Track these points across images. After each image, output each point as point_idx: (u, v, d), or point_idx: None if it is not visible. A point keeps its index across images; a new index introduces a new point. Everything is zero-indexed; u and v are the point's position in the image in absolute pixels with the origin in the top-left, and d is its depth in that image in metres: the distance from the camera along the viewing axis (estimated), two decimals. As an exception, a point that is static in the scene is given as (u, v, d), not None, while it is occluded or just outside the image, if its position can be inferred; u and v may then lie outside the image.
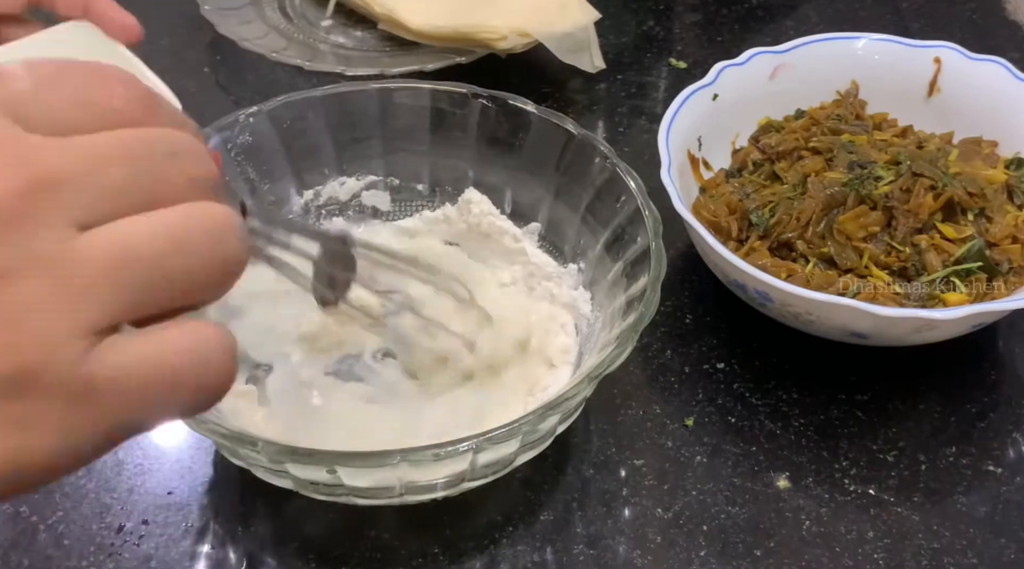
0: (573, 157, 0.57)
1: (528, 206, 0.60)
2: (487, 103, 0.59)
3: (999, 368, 0.59)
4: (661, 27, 0.85)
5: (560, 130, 0.57)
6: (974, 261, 0.56)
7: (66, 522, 0.51)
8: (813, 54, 0.67)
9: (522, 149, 0.59)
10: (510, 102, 0.58)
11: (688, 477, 0.53)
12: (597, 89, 0.78)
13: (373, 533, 0.51)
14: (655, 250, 0.50)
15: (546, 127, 0.58)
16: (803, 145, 0.63)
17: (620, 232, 0.54)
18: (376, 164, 0.62)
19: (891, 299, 0.55)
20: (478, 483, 0.48)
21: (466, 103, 0.59)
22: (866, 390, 0.57)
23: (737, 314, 0.60)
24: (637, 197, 0.53)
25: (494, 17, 0.74)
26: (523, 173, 0.60)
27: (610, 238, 0.55)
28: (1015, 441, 0.55)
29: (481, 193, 0.60)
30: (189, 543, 0.50)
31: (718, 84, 0.64)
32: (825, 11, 0.86)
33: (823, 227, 0.57)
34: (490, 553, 0.50)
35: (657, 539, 0.51)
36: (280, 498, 0.51)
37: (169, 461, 0.54)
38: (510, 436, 0.44)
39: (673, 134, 0.60)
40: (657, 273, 0.49)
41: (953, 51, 0.66)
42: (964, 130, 0.65)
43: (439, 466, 0.45)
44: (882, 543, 0.50)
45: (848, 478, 0.53)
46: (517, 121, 0.59)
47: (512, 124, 0.59)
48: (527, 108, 0.58)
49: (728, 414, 0.56)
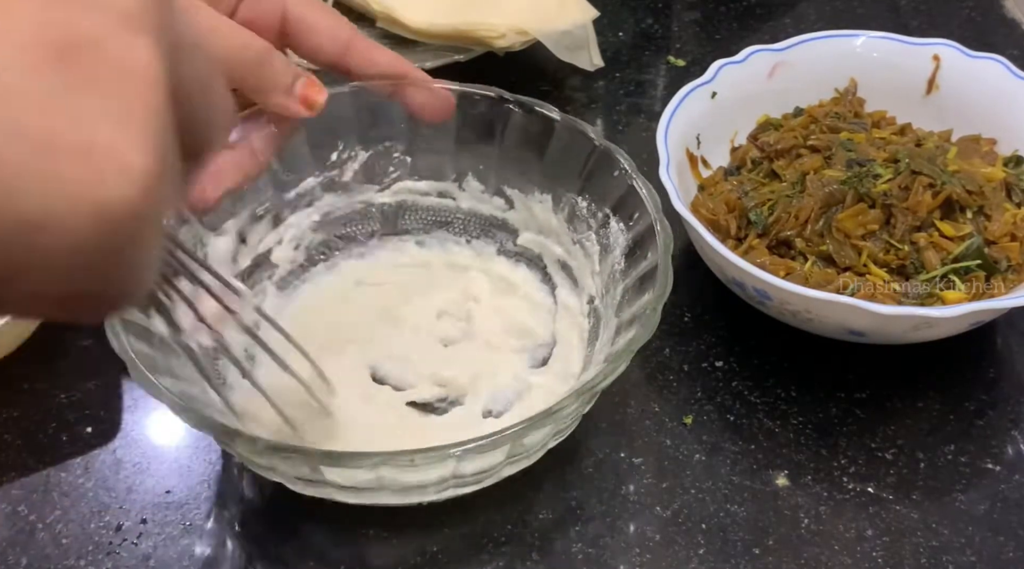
0: (595, 167, 0.56)
1: (541, 213, 0.60)
2: (514, 108, 0.57)
3: (998, 366, 0.59)
4: (659, 25, 0.85)
5: (584, 139, 0.56)
6: (973, 259, 0.56)
7: (64, 521, 0.51)
8: (812, 52, 0.67)
9: (543, 157, 0.58)
10: (537, 108, 0.57)
11: (687, 475, 0.53)
12: (595, 87, 0.78)
13: (372, 533, 0.51)
14: (662, 268, 0.49)
15: (571, 135, 0.56)
16: (802, 143, 0.63)
17: (632, 246, 0.53)
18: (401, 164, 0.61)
19: (890, 297, 0.55)
20: (469, 490, 0.48)
21: (494, 106, 0.58)
22: (865, 388, 0.57)
23: (736, 312, 0.60)
24: (652, 213, 0.52)
25: (492, 15, 0.74)
26: (545, 181, 0.58)
27: (623, 250, 0.54)
28: (1014, 439, 0.55)
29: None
30: (188, 542, 0.50)
31: (717, 82, 0.64)
32: (824, 9, 0.86)
33: (822, 225, 0.57)
34: (488, 552, 0.50)
35: (656, 537, 0.51)
36: (279, 498, 0.51)
37: (168, 460, 0.54)
38: (495, 446, 0.43)
39: (672, 132, 0.60)
40: (661, 292, 0.48)
41: (952, 49, 0.66)
42: (963, 128, 0.65)
43: (421, 471, 0.44)
44: (881, 541, 0.50)
45: (847, 476, 0.53)
46: (542, 128, 0.57)
47: (537, 131, 0.57)
48: (552, 115, 0.56)
49: (727, 412, 0.56)
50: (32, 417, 0.56)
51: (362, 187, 0.61)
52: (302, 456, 0.43)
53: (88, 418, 0.56)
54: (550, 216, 0.59)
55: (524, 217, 0.60)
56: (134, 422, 0.56)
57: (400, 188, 0.61)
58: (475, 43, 0.75)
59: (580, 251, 0.57)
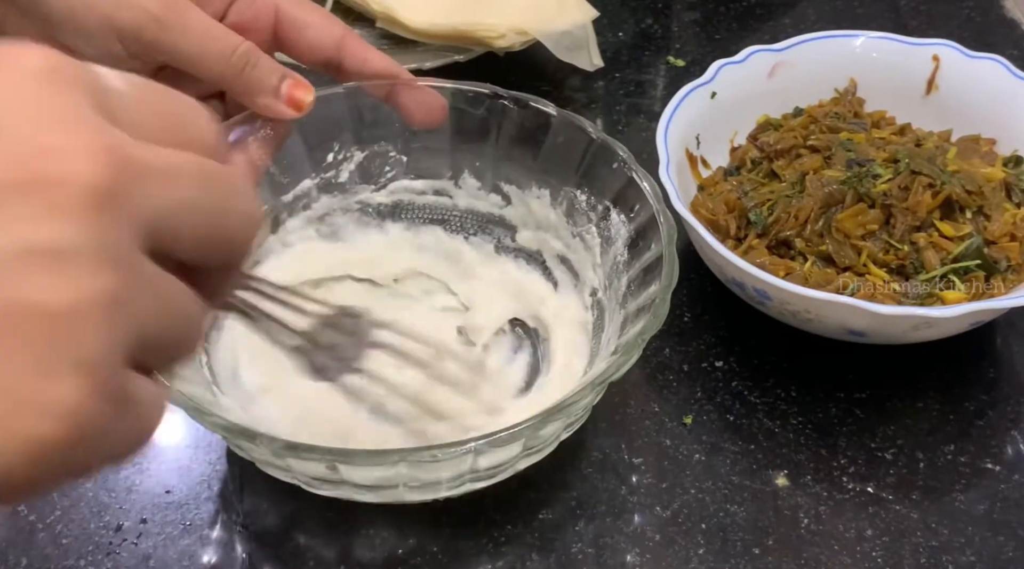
0: (593, 160, 0.56)
1: (540, 209, 0.60)
2: (508, 104, 0.57)
3: (997, 366, 0.59)
4: (659, 25, 0.85)
5: (581, 133, 0.56)
6: (972, 259, 0.56)
7: (64, 521, 0.51)
8: (811, 52, 0.67)
9: (539, 153, 0.58)
10: (532, 103, 0.57)
11: (687, 475, 0.53)
12: (595, 87, 0.78)
13: (372, 532, 0.51)
14: (667, 258, 0.49)
15: (567, 130, 0.56)
16: (801, 143, 0.63)
17: (635, 237, 0.53)
18: (396, 162, 0.61)
19: (889, 297, 0.55)
20: (482, 485, 0.48)
21: (488, 103, 0.58)
22: (864, 388, 0.57)
23: (735, 312, 0.60)
24: (653, 204, 0.52)
25: (492, 15, 0.74)
26: (543, 176, 0.58)
27: (625, 242, 0.54)
28: (1013, 439, 0.55)
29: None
30: (187, 542, 0.50)
31: (716, 82, 0.64)
32: (823, 9, 0.86)
33: (821, 225, 0.57)
34: (489, 552, 0.50)
35: (656, 537, 0.51)
36: (279, 498, 0.51)
37: (168, 460, 0.54)
38: (512, 439, 0.44)
39: (671, 132, 0.60)
40: (668, 282, 0.48)
41: (951, 49, 0.66)
42: (962, 128, 0.65)
43: (439, 466, 0.44)
44: (880, 541, 0.50)
45: (847, 476, 0.53)
46: (538, 123, 0.57)
47: (533, 126, 0.57)
48: (548, 110, 0.56)
49: (727, 412, 0.56)
50: (32, 417, 0.56)
51: (358, 187, 0.61)
52: (319, 455, 0.43)
53: (88, 418, 0.56)
54: (548, 211, 0.59)
55: (522, 213, 0.60)
56: (134, 422, 0.56)
57: (396, 187, 0.61)
58: (475, 43, 0.75)
59: (580, 244, 0.57)
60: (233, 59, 0.47)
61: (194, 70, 0.48)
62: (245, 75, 0.48)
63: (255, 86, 0.49)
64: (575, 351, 0.56)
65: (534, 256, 0.61)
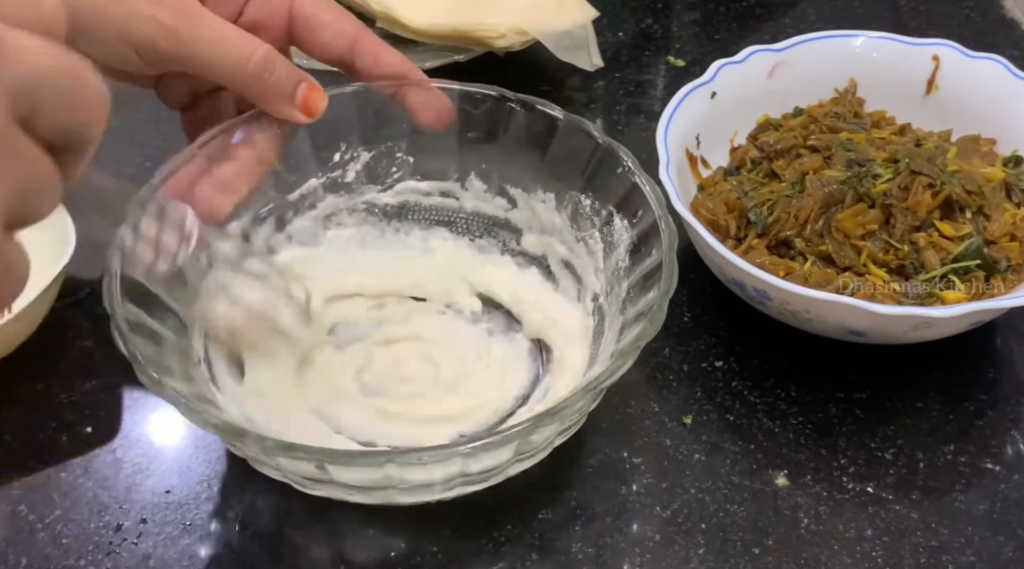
0: (598, 165, 0.56)
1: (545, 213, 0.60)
2: (516, 107, 0.57)
3: (997, 366, 0.59)
4: (659, 25, 0.85)
5: (587, 137, 0.56)
6: (972, 259, 0.56)
7: (64, 521, 0.51)
8: (811, 52, 0.67)
9: (546, 156, 0.58)
10: (539, 106, 0.57)
11: (687, 475, 0.53)
12: (595, 87, 0.78)
13: (371, 533, 0.51)
14: (667, 264, 0.49)
15: (574, 134, 0.56)
16: (801, 143, 0.63)
17: (637, 243, 0.53)
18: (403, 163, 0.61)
19: (889, 297, 0.55)
20: (475, 488, 0.48)
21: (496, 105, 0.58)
22: (864, 388, 0.57)
23: (735, 312, 0.60)
24: (655, 209, 0.52)
25: (492, 15, 0.74)
26: (549, 180, 0.58)
27: (627, 247, 0.54)
28: (1013, 439, 0.55)
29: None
30: (188, 542, 0.50)
31: (716, 82, 0.64)
32: (823, 9, 0.86)
33: (821, 225, 0.57)
34: (489, 552, 0.50)
35: (656, 537, 0.51)
36: (279, 498, 0.51)
37: (167, 460, 0.54)
38: (503, 443, 0.43)
39: (671, 132, 0.60)
40: (666, 289, 0.48)
41: (951, 49, 0.66)
42: (962, 128, 0.65)
43: (428, 469, 0.44)
44: (880, 541, 0.50)
45: (846, 476, 0.53)
46: (544, 126, 0.57)
47: (540, 129, 0.57)
48: (555, 114, 0.56)
49: (727, 412, 0.56)
50: (32, 417, 0.56)
51: (364, 188, 0.61)
52: (309, 455, 0.43)
53: (88, 418, 0.56)
54: (553, 215, 0.59)
55: (527, 216, 0.60)
56: (134, 422, 0.56)
57: (403, 188, 0.61)
58: (475, 43, 0.75)
59: (583, 249, 0.57)
60: (250, 67, 0.48)
61: (212, 78, 0.48)
62: (263, 82, 0.49)
63: (271, 93, 0.49)
64: (576, 356, 0.56)
65: (538, 260, 0.61)
